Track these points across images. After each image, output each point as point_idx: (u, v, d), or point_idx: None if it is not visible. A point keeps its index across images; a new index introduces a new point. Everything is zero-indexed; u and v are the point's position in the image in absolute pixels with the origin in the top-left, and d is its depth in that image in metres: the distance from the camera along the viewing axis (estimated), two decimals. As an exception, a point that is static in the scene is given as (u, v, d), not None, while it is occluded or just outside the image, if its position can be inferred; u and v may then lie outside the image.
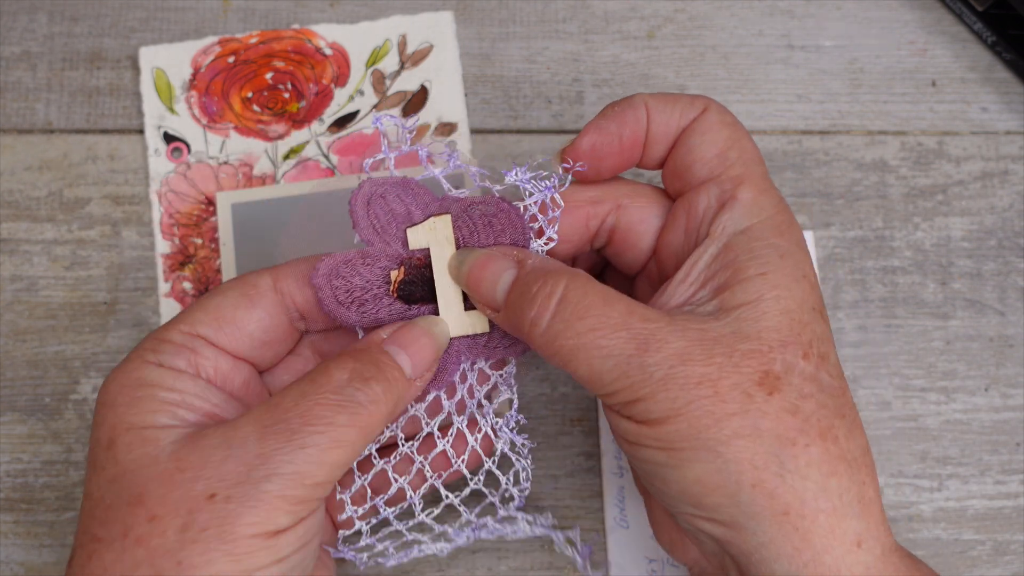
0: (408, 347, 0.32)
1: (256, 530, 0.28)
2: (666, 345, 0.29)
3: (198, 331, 0.32)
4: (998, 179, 0.44)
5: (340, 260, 0.33)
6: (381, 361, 0.31)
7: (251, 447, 0.28)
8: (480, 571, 0.41)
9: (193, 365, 0.31)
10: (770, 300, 0.29)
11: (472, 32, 0.45)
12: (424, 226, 0.32)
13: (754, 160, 0.32)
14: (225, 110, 0.44)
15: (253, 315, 0.33)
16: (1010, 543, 0.42)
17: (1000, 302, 0.43)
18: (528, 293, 0.30)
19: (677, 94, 0.34)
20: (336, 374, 0.30)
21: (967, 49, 0.46)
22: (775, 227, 0.31)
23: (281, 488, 0.28)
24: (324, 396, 0.29)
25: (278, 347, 0.34)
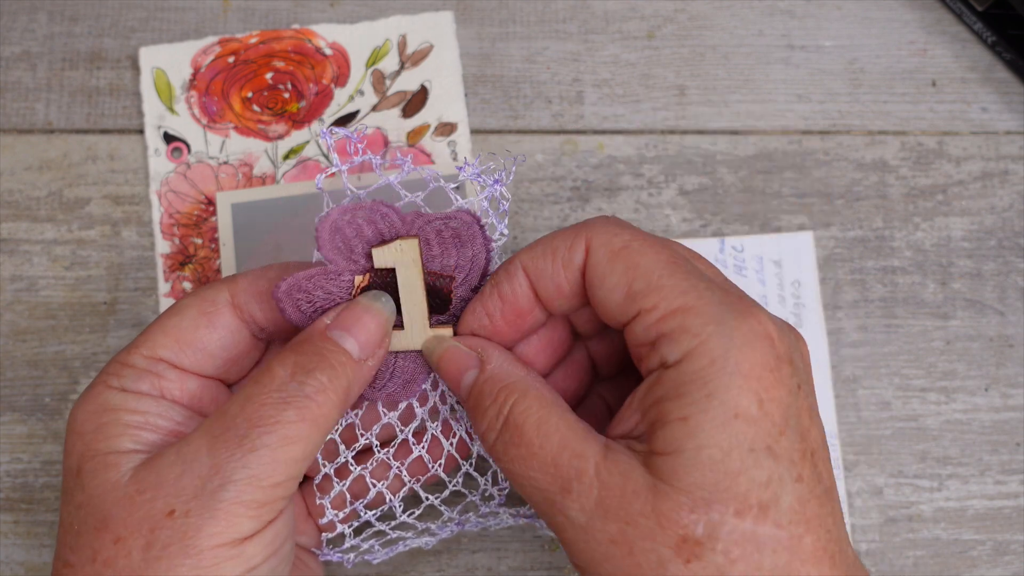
0: (352, 328, 0.31)
1: (219, 540, 0.28)
2: (589, 492, 0.27)
3: (159, 354, 0.32)
4: (998, 179, 0.44)
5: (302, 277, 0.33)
6: (324, 349, 0.30)
7: (203, 459, 0.28)
8: (480, 571, 0.41)
9: (157, 388, 0.31)
10: (690, 451, 0.27)
11: (472, 32, 0.45)
12: (391, 248, 0.32)
13: (663, 274, 0.29)
14: (225, 110, 0.44)
15: (214, 334, 0.32)
16: (1010, 543, 0.42)
17: (1000, 302, 0.43)
18: (481, 406, 0.31)
19: (555, 239, 0.31)
20: (278, 371, 0.29)
21: (967, 49, 0.46)
22: (707, 355, 0.27)
23: (238, 494, 0.28)
24: (268, 395, 0.29)
25: (243, 361, 0.34)
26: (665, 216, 0.44)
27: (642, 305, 0.29)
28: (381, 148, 0.44)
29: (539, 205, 0.44)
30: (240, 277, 0.33)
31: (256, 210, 0.43)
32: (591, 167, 0.44)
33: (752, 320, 0.28)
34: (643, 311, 0.29)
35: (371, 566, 0.41)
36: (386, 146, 0.44)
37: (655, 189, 0.44)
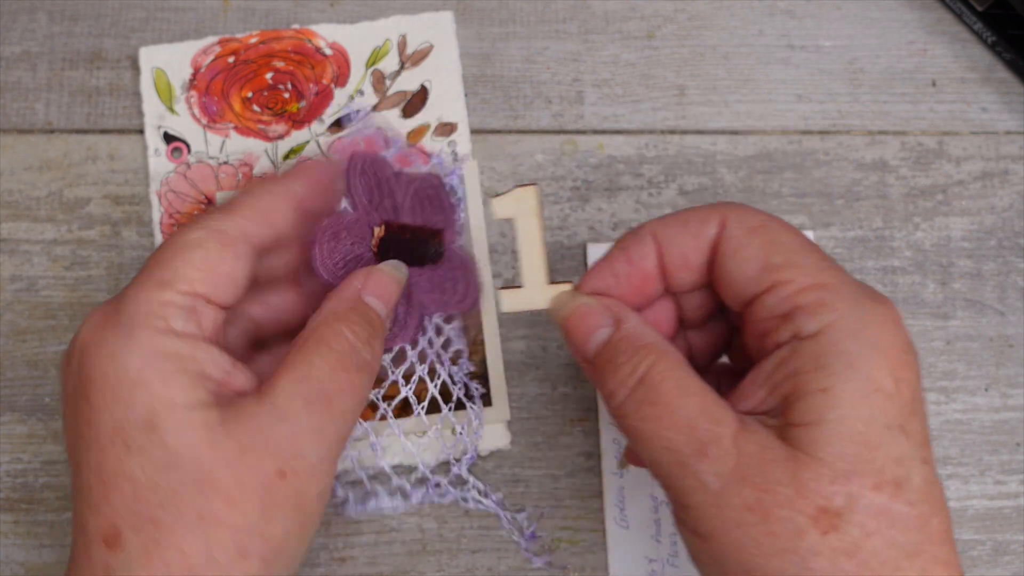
0: (381, 295, 0.33)
1: (321, 496, 0.30)
2: (726, 456, 0.27)
3: (197, 290, 0.30)
4: (998, 179, 0.44)
5: (335, 222, 0.36)
6: (370, 317, 0.32)
7: (303, 420, 0.29)
8: (480, 571, 0.41)
9: (200, 328, 0.30)
10: (832, 422, 0.26)
11: (472, 32, 0.45)
12: (511, 196, 0.32)
13: (801, 252, 0.29)
14: (225, 110, 0.44)
15: (239, 264, 0.32)
16: (1010, 543, 0.42)
17: (1000, 302, 0.43)
18: (614, 363, 0.30)
19: (688, 213, 0.31)
20: (351, 338, 0.31)
21: (967, 49, 0.46)
22: (846, 328, 0.28)
23: (332, 455, 0.30)
24: (350, 362, 0.31)
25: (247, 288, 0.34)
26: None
27: (778, 277, 0.29)
28: (381, 148, 0.44)
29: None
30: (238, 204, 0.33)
31: (256, 210, 0.43)
32: (591, 167, 0.44)
33: (885, 303, 0.29)
34: (779, 283, 0.29)
35: (372, 565, 0.41)
36: (386, 146, 0.44)
37: (655, 189, 0.44)
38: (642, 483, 0.41)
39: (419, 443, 0.41)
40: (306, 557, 0.40)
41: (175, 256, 0.31)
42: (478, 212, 0.43)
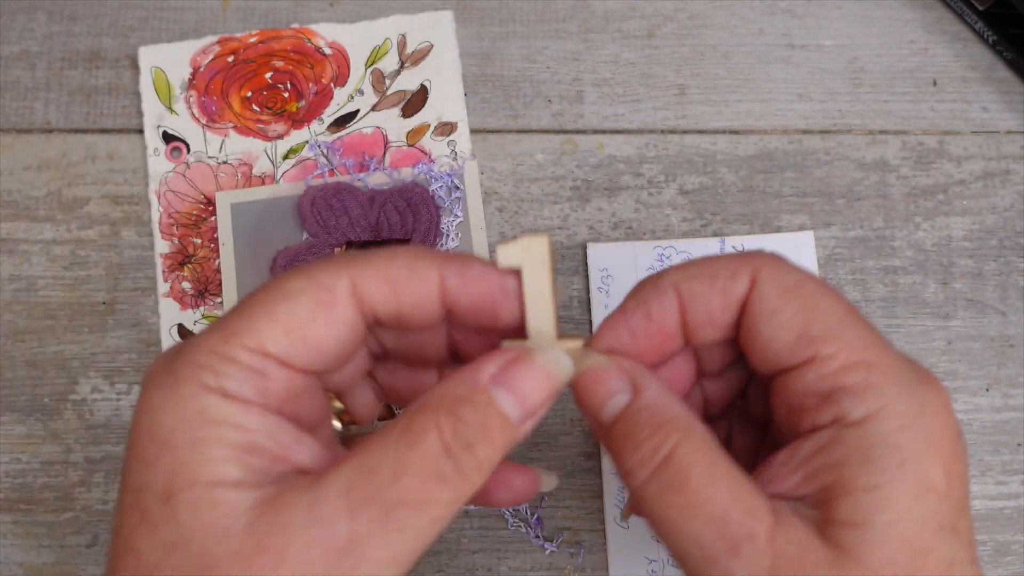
0: (519, 389, 0.26)
1: None
2: (761, 556, 0.24)
3: (267, 348, 0.25)
4: (999, 179, 0.44)
5: (294, 251, 0.41)
6: (487, 417, 0.26)
7: (341, 527, 0.24)
8: (480, 571, 0.41)
9: (263, 393, 0.25)
10: (881, 525, 0.24)
11: (472, 32, 0.45)
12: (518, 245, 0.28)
13: (843, 322, 0.26)
14: (224, 110, 0.44)
15: (331, 329, 0.26)
16: (1010, 543, 0.41)
17: (1001, 302, 0.43)
18: (634, 438, 0.27)
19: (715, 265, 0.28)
20: (435, 439, 0.25)
21: (968, 48, 0.46)
22: (896, 418, 0.25)
23: (373, 573, 0.24)
24: (425, 468, 0.24)
25: (351, 358, 0.29)
26: (665, 216, 0.44)
27: (819, 351, 0.26)
28: (381, 148, 0.44)
29: (539, 205, 0.44)
30: (362, 261, 0.27)
31: (255, 210, 0.43)
32: (591, 167, 0.44)
33: (936, 387, 0.26)
34: (819, 357, 0.26)
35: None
36: (386, 146, 0.44)
37: (655, 189, 0.44)
38: (642, 483, 0.41)
39: None
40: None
41: (260, 304, 0.26)
42: (478, 212, 0.43)
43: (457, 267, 0.27)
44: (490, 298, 0.27)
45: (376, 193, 0.42)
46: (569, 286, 0.43)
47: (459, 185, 0.43)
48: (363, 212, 0.42)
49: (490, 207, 0.44)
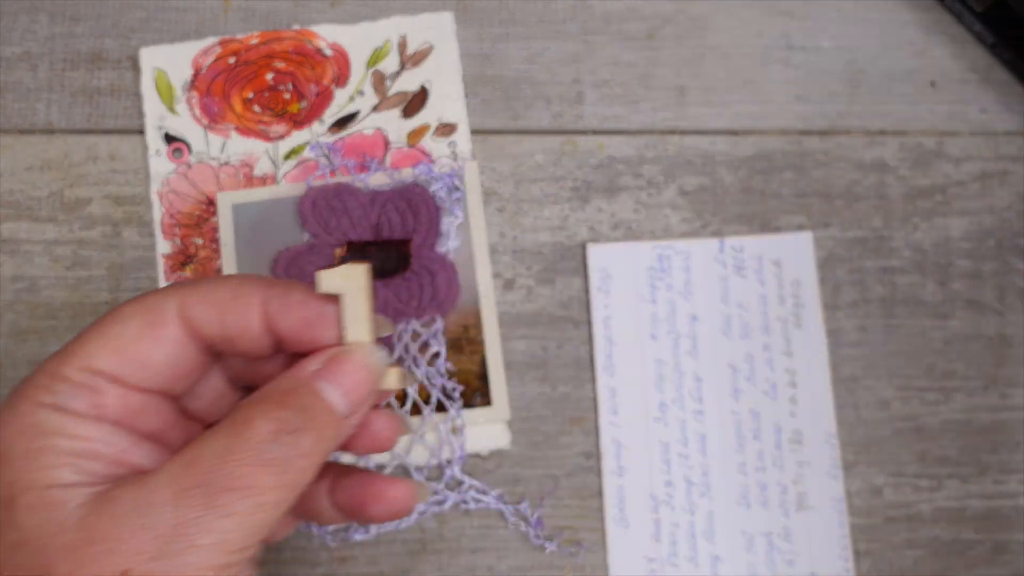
0: (342, 382, 0.28)
1: None
2: None
3: (97, 366, 0.28)
4: (997, 180, 0.44)
5: (295, 252, 0.42)
6: (311, 406, 0.28)
7: (167, 514, 0.25)
8: (480, 571, 0.41)
9: (96, 406, 0.28)
10: None
11: (472, 32, 0.45)
12: (338, 272, 0.29)
13: None
14: (226, 111, 0.44)
15: (159, 348, 0.28)
16: (1009, 543, 0.42)
17: (999, 302, 0.43)
18: None
19: None
20: (261, 427, 0.26)
21: (966, 50, 0.46)
22: None
23: (201, 559, 0.25)
24: (248, 454, 0.26)
25: (191, 376, 0.30)
26: (665, 216, 0.44)
27: None
28: (382, 149, 0.44)
29: (539, 205, 0.44)
30: (191, 286, 0.29)
31: (257, 210, 0.43)
32: (591, 167, 0.44)
33: None
34: None
35: (372, 565, 0.41)
36: (387, 147, 0.44)
37: (655, 189, 0.44)
38: (642, 483, 0.41)
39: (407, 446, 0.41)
40: (306, 557, 0.41)
41: (94, 327, 0.29)
42: (478, 213, 0.43)
43: (279, 293, 0.29)
44: (309, 323, 0.29)
45: (377, 194, 0.43)
46: (569, 287, 0.43)
47: (459, 185, 0.43)
48: (364, 212, 0.42)
49: (490, 207, 0.44)
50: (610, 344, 0.42)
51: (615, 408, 0.42)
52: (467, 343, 0.42)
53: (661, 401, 0.42)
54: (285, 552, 0.41)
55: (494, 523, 0.41)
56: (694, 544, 0.41)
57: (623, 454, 0.41)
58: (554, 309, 0.43)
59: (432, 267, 0.42)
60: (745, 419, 0.42)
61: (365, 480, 0.32)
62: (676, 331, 0.43)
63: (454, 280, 0.42)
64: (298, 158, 0.44)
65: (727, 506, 0.41)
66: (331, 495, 0.32)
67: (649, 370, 0.42)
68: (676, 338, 0.43)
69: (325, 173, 0.43)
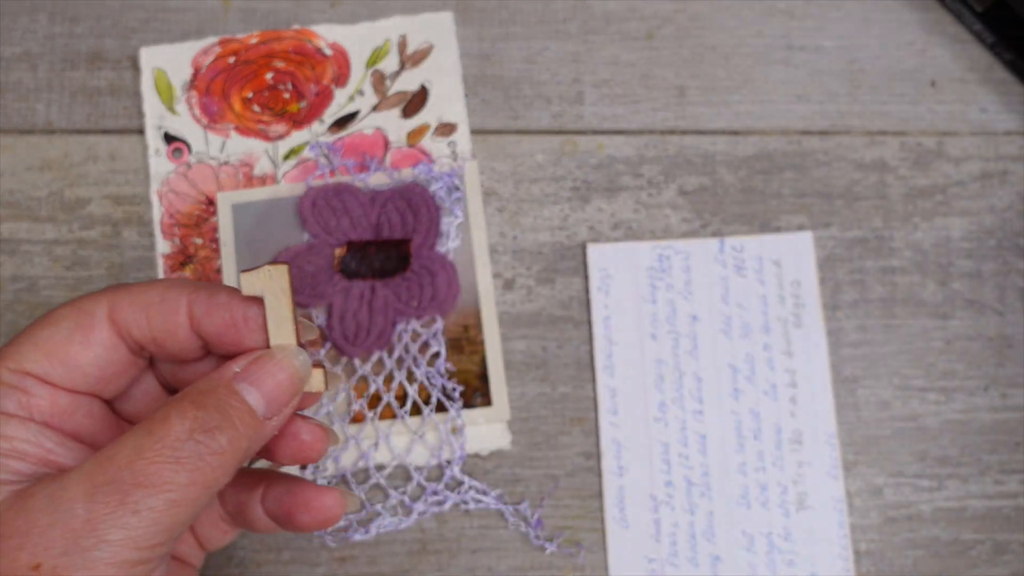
0: (262, 383, 0.29)
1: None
2: None
3: (27, 368, 0.29)
4: (997, 179, 0.44)
5: (294, 252, 0.42)
6: (228, 405, 0.28)
7: (79, 510, 0.26)
8: (480, 571, 0.41)
9: (25, 407, 0.29)
10: None
11: (472, 32, 0.45)
12: (259, 273, 0.29)
13: None
14: (226, 110, 0.44)
15: (88, 351, 0.29)
16: (1009, 543, 0.42)
17: (999, 302, 0.43)
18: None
19: None
20: (176, 425, 0.27)
21: (966, 50, 0.46)
22: None
23: (112, 555, 0.26)
24: (161, 452, 0.26)
25: (121, 378, 0.31)
26: (665, 216, 0.44)
27: None
28: (382, 149, 0.44)
29: (539, 205, 0.44)
30: (122, 289, 0.30)
31: (256, 210, 0.43)
32: (591, 167, 0.44)
33: None
34: None
35: (372, 565, 0.41)
36: (387, 147, 0.44)
37: (655, 189, 0.44)
38: (642, 483, 0.41)
39: (408, 446, 0.41)
40: (306, 557, 0.41)
41: (27, 331, 0.30)
42: (478, 212, 0.43)
43: (204, 296, 0.30)
44: (234, 326, 0.29)
45: (376, 194, 0.43)
46: (569, 286, 0.43)
47: (459, 185, 0.43)
48: (364, 213, 0.42)
49: (490, 207, 0.44)
50: (610, 344, 0.42)
51: (615, 408, 0.42)
52: (467, 343, 0.42)
53: (661, 401, 0.42)
54: (285, 552, 0.41)
55: (494, 523, 0.41)
56: (694, 544, 0.41)
57: (623, 454, 0.41)
58: (554, 309, 0.43)
59: (432, 267, 0.42)
60: (745, 419, 0.42)
61: (295, 488, 0.32)
62: (676, 331, 0.43)
63: (454, 280, 0.42)
64: (298, 158, 0.44)
65: (727, 506, 0.41)
66: (263, 503, 0.33)
67: (649, 370, 0.42)
68: (676, 338, 0.43)
69: (325, 173, 0.43)
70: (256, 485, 0.33)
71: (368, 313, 0.41)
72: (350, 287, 0.42)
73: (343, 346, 0.41)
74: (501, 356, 0.42)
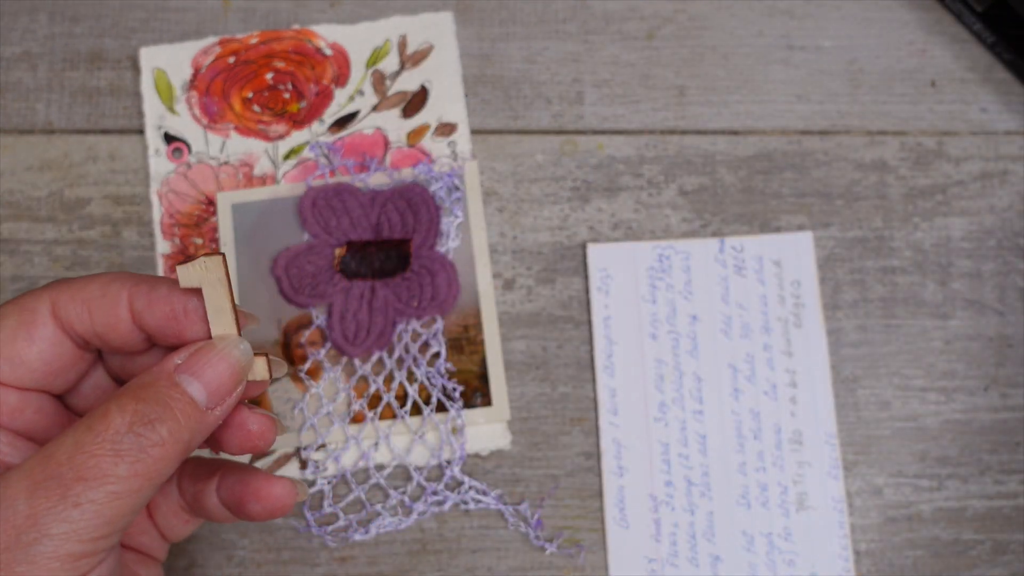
0: (202, 374, 0.29)
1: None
2: None
3: None
4: (997, 179, 0.44)
5: (294, 251, 0.42)
6: (169, 396, 0.28)
7: (20, 506, 0.26)
8: (480, 571, 0.41)
9: None
10: None
11: (472, 32, 0.45)
12: (195, 264, 0.30)
13: None
14: (225, 110, 0.44)
15: (33, 347, 0.30)
16: (1009, 543, 0.42)
17: (1000, 302, 0.43)
18: None
19: None
20: (115, 419, 0.27)
21: (966, 49, 0.46)
22: None
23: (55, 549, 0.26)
24: (100, 445, 0.26)
25: (68, 373, 0.31)
26: (665, 216, 0.44)
27: None
28: (382, 149, 0.44)
29: (539, 205, 0.44)
30: (64, 284, 0.30)
31: (256, 210, 0.43)
32: (591, 167, 0.44)
33: None
34: None
35: (372, 565, 0.41)
36: (387, 147, 0.44)
37: (655, 189, 0.44)
38: (642, 483, 0.41)
39: (408, 446, 0.41)
40: (306, 557, 0.41)
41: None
42: (478, 212, 0.43)
43: (145, 289, 0.30)
44: (174, 318, 0.29)
45: (376, 194, 0.43)
46: (569, 286, 0.43)
47: (459, 185, 0.43)
48: (364, 213, 0.42)
49: (490, 207, 0.44)
50: (610, 344, 0.42)
51: (615, 408, 0.42)
52: (467, 343, 0.42)
53: (661, 401, 0.42)
54: (285, 552, 0.41)
55: (494, 523, 0.41)
56: (694, 544, 0.41)
57: (623, 454, 0.41)
58: (554, 309, 0.43)
59: (432, 267, 0.42)
60: (745, 419, 0.42)
61: (247, 477, 0.32)
62: (676, 331, 0.43)
63: (454, 280, 0.42)
64: (298, 158, 0.44)
65: (727, 506, 0.41)
66: (218, 492, 0.33)
67: (649, 370, 0.42)
68: (676, 338, 0.43)
69: (325, 173, 0.43)
70: (212, 475, 0.33)
71: (368, 313, 0.41)
72: (350, 287, 0.42)
73: (343, 346, 0.41)
74: (501, 356, 0.42)
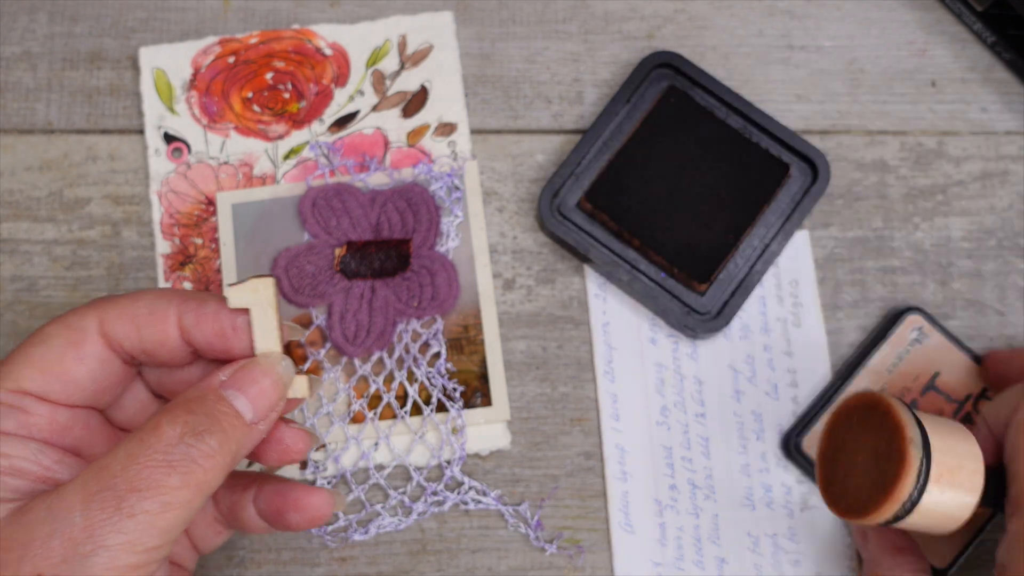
0: (248, 390, 0.30)
1: None
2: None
3: (25, 387, 0.30)
4: (998, 179, 0.44)
5: (295, 252, 0.42)
6: (217, 410, 0.29)
7: (76, 519, 0.27)
8: (480, 571, 0.41)
9: (23, 425, 0.30)
10: None
11: (472, 32, 0.45)
12: (246, 287, 0.31)
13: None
14: (225, 110, 0.44)
15: (82, 365, 0.30)
16: (1012, 543, 0.41)
17: (1000, 302, 0.43)
18: None
19: None
20: (167, 431, 0.28)
21: (967, 49, 0.46)
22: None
23: (111, 560, 0.26)
24: (153, 457, 0.27)
25: (115, 389, 0.32)
26: (665, 216, 0.44)
27: None
28: (381, 148, 0.44)
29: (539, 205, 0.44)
30: (109, 303, 0.31)
31: (256, 210, 0.43)
32: (591, 167, 0.44)
33: None
34: None
35: (372, 565, 0.40)
36: (386, 147, 0.44)
37: (655, 189, 0.44)
38: (646, 487, 0.41)
39: (408, 446, 0.41)
40: (306, 557, 0.40)
41: (20, 349, 0.30)
42: (478, 213, 0.43)
43: (193, 307, 0.31)
44: (222, 335, 0.31)
45: (376, 193, 0.43)
46: (569, 286, 0.43)
47: (459, 185, 0.43)
48: (364, 212, 0.42)
49: (490, 207, 0.44)
50: (610, 349, 0.42)
51: (617, 414, 0.42)
52: (467, 343, 0.42)
53: (663, 405, 0.42)
54: (285, 552, 0.40)
55: (494, 523, 0.41)
56: (700, 547, 0.41)
57: (626, 459, 0.41)
58: (554, 309, 0.43)
59: (432, 267, 0.42)
60: (747, 420, 0.42)
61: (285, 489, 0.33)
62: (675, 334, 0.42)
63: (454, 280, 0.42)
64: (298, 158, 0.44)
65: (731, 508, 0.41)
66: (255, 503, 0.34)
67: (650, 374, 0.42)
68: (676, 341, 0.42)
69: (325, 173, 0.43)
70: (248, 486, 0.34)
71: (368, 313, 0.41)
72: (350, 287, 0.42)
73: (343, 346, 0.41)
74: (501, 356, 0.42)
